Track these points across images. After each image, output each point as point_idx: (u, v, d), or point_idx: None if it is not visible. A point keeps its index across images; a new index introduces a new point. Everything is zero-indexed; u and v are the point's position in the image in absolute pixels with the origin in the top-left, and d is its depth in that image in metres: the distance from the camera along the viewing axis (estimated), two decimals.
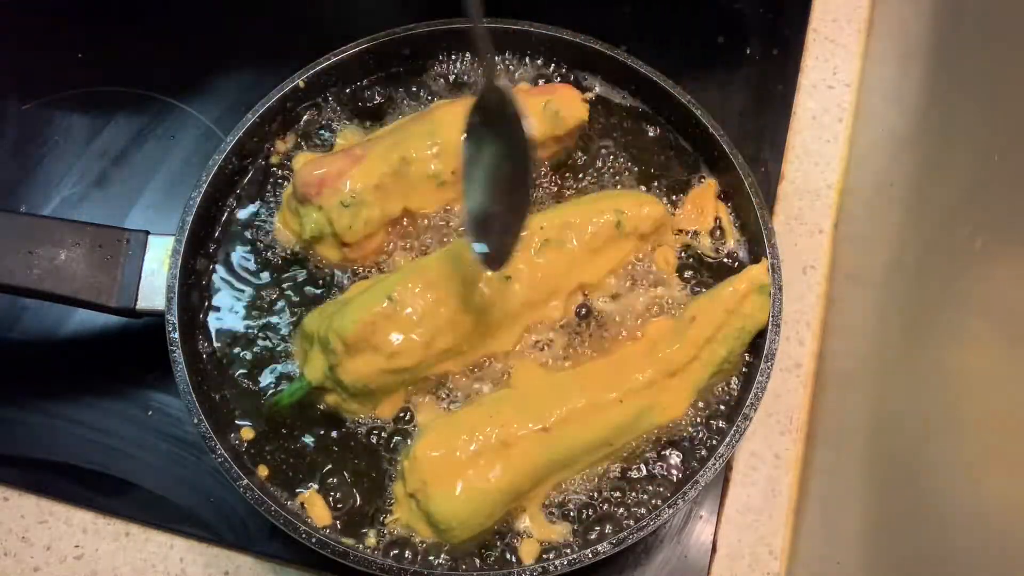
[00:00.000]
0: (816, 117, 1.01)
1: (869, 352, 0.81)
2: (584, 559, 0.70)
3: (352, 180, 0.78)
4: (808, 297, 0.92)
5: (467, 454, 0.71)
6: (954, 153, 0.74)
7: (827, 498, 0.81)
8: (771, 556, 0.82)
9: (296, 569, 0.80)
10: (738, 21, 1.05)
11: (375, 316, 0.72)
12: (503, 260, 0.70)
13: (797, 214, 0.96)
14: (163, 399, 0.85)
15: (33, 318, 0.88)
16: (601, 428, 0.73)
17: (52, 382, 0.86)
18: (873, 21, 1.06)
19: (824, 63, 1.04)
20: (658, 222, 0.82)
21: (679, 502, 0.71)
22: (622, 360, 0.76)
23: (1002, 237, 0.62)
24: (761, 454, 0.86)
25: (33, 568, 0.80)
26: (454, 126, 0.81)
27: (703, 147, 0.87)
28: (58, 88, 1.00)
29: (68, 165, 0.96)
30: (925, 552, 0.62)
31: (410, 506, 0.72)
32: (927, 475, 0.64)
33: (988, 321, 0.61)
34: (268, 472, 0.75)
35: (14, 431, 0.84)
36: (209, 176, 0.81)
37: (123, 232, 0.78)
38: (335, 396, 0.76)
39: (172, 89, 0.99)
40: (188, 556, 0.81)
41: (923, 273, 0.74)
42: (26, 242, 0.76)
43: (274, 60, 0.90)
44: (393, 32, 0.88)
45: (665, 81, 0.87)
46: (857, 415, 0.80)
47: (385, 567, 0.69)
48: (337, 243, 0.80)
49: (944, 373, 0.66)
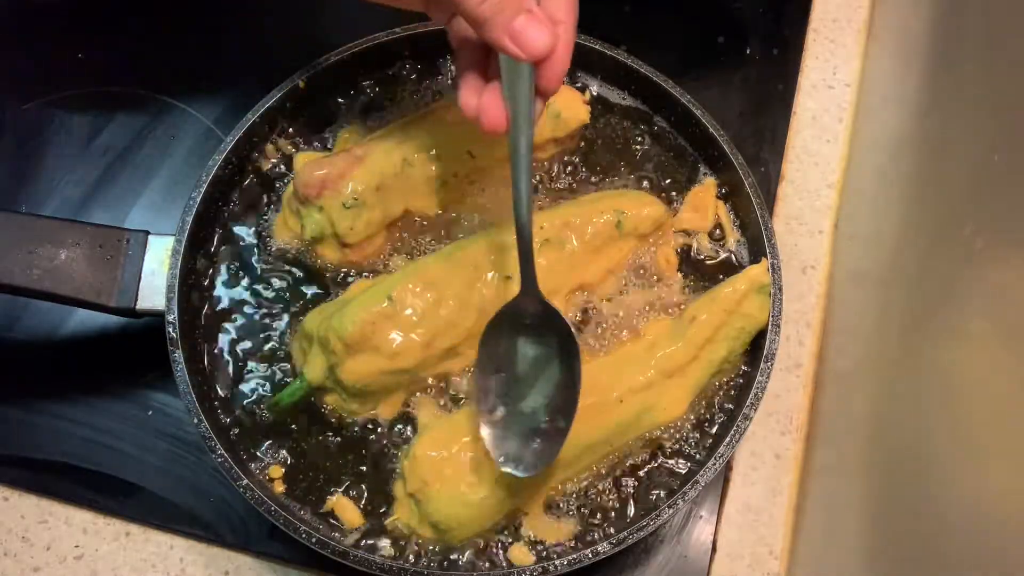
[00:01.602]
0: (816, 117, 1.01)
1: (869, 352, 0.81)
2: (584, 559, 0.70)
3: (354, 182, 0.78)
4: (808, 297, 0.92)
5: (467, 455, 0.71)
6: (954, 153, 0.73)
7: (827, 498, 0.81)
8: (771, 556, 0.82)
9: (296, 569, 0.80)
10: (738, 21, 1.05)
11: (375, 316, 0.72)
12: (539, 467, 0.68)
13: (797, 214, 0.96)
14: (163, 399, 0.85)
15: (33, 318, 0.88)
16: (601, 428, 0.73)
17: (52, 382, 0.86)
18: (873, 21, 1.06)
19: (824, 63, 1.04)
20: (658, 222, 0.82)
21: (679, 502, 0.71)
22: (622, 360, 0.76)
23: (1002, 237, 0.62)
24: (761, 454, 0.86)
25: (33, 568, 0.80)
26: (455, 127, 0.81)
27: (703, 147, 0.87)
28: (58, 88, 1.00)
29: (68, 165, 0.96)
30: (925, 552, 0.62)
31: (410, 506, 0.72)
32: (927, 475, 0.64)
33: (988, 321, 0.61)
34: (267, 473, 0.75)
35: (14, 431, 0.84)
36: (209, 176, 0.81)
37: (123, 232, 0.78)
38: (335, 396, 0.76)
39: (172, 89, 0.99)
40: (188, 556, 0.81)
41: (923, 273, 0.74)
42: (26, 242, 0.76)
43: (274, 60, 0.90)
44: (394, 32, 0.88)
45: (665, 81, 0.87)
46: (857, 415, 0.80)
47: (385, 567, 0.69)
48: (338, 244, 0.80)
49: (944, 373, 0.66)
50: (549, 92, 0.68)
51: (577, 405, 0.69)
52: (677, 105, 0.86)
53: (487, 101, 0.68)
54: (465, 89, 0.70)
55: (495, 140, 0.81)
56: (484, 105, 0.68)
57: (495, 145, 0.82)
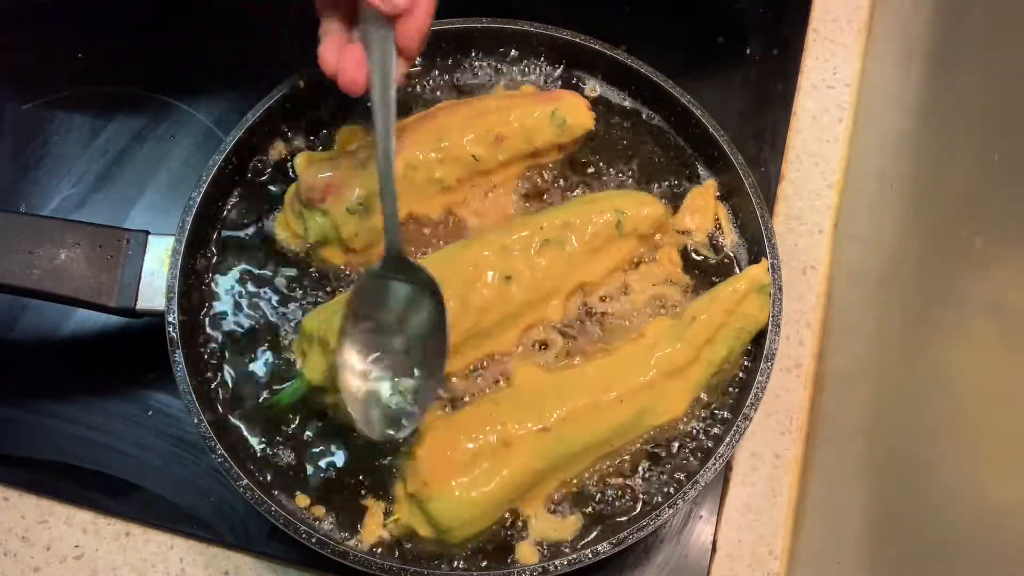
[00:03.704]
0: (816, 117, 1.01)
1: (869, 352, 0.81)
2: (584, 559, 0.70)
3: (359, 187, 0.78)
4: (808, 297, 0.92)
5: (467, 454, 0.71)
6: (954, 153, 0.74)
7: (827, 498, 0.81)
8: (771, 556, 0.82)
9: (296, 569, 0.80)
10: (738, 21, 1.05)
11: None
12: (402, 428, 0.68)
13: (797, 214, 0.96)
14: (163, 399, 0.85)
15: (33, 318, 0.88)
16: (601, 428, 0.73)
17: (52, 382, 0.86)
18: (873, 21, 1.06)
19: (824, 63, 1.04)
20: (658, 222, 0.82)
21: (679, 502, 0.71)
22: (622, 360, 0.76)
23: (1002, 237, 0.62)
24: (761, 454, 0.86)
25: (33, 568, 0.80)
26: (458, 129, 0.81)
27: (703, 147, 0.87)
28: (58, 88, 1.00)
29: (68, 165, 0.96)
30: (925, 552, 0.62)
31: (410, 506, 0.72)
32: (927, 475, 0.64)
33: (988, 321, 0.61)
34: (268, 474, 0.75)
35: (14, 431, 0.84)
36: (209, 176, 0.81)
37: (123, 232, 0.78)
38: (335, 396, 0.76)
39: (172, 89, 0.99)
40: (188, 556, 0.81)
41: (923, 273, 0.74)
42: (26, 242, 0.76)
43: (274, 60, 0.90)
44: None
45: (665, 81, 0.87)
46: (857, 415, 0.80)
47: (385, 567, 0.69)
48: (341, 247, 0.80)
49: (944, 373, 0.66)
50: (411, 53, 0.68)
51: (447, 352, 0.68)
52: (677, 105, 0.86)
53: (345, 60, 0.68)
54: (325, 46, 0.70)
55: (496, 142, 0.82)
56: (342, 63, 0.68)
57: (498, 147, 0.82)
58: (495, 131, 0.82)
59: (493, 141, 0.82)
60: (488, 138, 0.82)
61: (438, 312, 0.69)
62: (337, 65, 0.68)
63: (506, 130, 0.82)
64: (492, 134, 0.82)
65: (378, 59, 0.67)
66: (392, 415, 0.68)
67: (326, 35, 0.70)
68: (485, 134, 0.82)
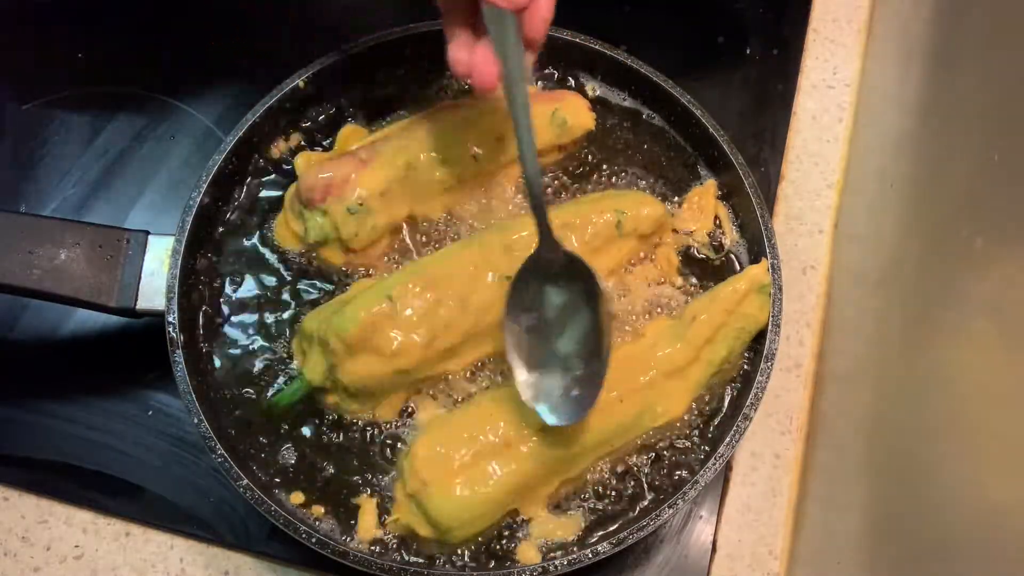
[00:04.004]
0: (816, 117, 1.01)
1: (869, 352, 0.81)
2: (584, 559, 0.70)
3: (359, 187, 0.78)
4: (808, 297, 0.92)
5: (467, 454, 0.71)
6: (954, 153, 0.74)
7: (827, 498, 0.81)
8: (771, 556, 0.82)
9: (296, 569, 0.80)
10: (738, 21, 1.05)
11: (375, 316, 0.72)
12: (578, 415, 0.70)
13: (797, 214, 0.96)
14: (163, 399, 0.85)
15: (33, 318, 0.88)
16: (601, 428, 0.73)
17: (52, 382, 0.86)
18: (873, 21, 1.06)
19: (824, 63, 1.04)
20: (658, 222, 0.82)
21: (679, 502, 0.71)
22: (622, 360, 0.76)
23: (1002, 237, 0.62)
24: (761, 454, 0.86)
25: (33, 568, 0.80)
26: (458, 130, 0.81)
27: (703, 147, 0.87)
28: (58, 88, 1.00)
29: (68, 165, 0.96)
30: (925, 552, 0.62)
31: (410, 506, 0.72)
32: (927, 475, 0.64)
33: (988, 321, 0.61)
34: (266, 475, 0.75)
35: (14, 431, 0.84)
36: (209, 176, 0.81)
37: (123, 232, 0.78)
38: (335, 396, 0.76)
39: (172, 89, 0.99)
40: (188, 556, 0.81)
41: (923, 273, 0.74)
42: (26, 242, 0.76)
43: (274, 60, 0.90)
44: (394, 31, 0.88)
45: (665, 81, 0.87)
46: (857, 415, 0.80)
47: (385, 567, 0.69)
48: (341, 247, 0.80)
49: (944, 373, 0.66)
50: (536, 42, 0.69)
51: (610, 348, 0.70)
52: (677, 105, 0.86)
53: (478, 58, 0.69)
54: (454, 46, 0.71)
55: (497, 142, 0.82)
56: (475, 62, 0.69)
57: (499, 147, 0.82)
58: (495, 131, 0.82)
59: (493, 141, 0.82)
60: (488, 138, 0.82)
61: (596, 300, 0.71)
62: (469, 65, 0.69)
63: (506, 130, 0.82)
64: (492, 134, 0.82)
65: (508, 53, 0.68)
66: (564, 406, 0.70)
67: (453, 38, 0.71)
68: (485, 134, 0.82)
